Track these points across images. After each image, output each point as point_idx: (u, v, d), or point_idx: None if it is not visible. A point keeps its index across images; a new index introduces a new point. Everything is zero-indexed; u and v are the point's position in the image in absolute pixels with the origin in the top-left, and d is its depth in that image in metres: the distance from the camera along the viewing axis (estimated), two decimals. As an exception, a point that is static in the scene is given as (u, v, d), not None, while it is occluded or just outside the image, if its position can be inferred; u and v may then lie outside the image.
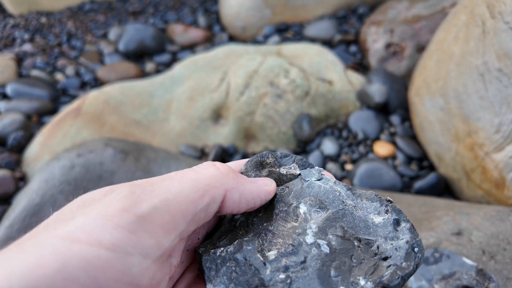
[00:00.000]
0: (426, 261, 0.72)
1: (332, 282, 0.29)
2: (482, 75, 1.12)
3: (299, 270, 0.30)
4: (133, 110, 1.65)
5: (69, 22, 2.71)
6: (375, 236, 0.32)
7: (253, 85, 1.62)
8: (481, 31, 1.13)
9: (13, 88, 1.93)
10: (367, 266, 0.30)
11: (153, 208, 0.26)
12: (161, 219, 0.26)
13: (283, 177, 0.38)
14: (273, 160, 0.39)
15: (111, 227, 0.23)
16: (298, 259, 0.31)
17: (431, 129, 1.37)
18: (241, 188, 0.32)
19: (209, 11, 2.79)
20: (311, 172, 0.38)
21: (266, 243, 0.33)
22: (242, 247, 0.32)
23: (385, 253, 0.30)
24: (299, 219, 0.34)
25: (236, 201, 0.31)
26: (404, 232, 0.31)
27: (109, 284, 0.22)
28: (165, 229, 0.26)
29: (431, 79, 1.37)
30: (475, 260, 0.73)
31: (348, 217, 0.34)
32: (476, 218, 0.82)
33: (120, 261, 0.23)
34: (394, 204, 0.34)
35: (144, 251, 0.24)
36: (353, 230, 0.33)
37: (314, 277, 0.29)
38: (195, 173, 0.30)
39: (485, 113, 1.12)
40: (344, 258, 0.31)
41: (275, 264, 0.31)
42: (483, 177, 1.16)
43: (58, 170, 1.07)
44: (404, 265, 0.29)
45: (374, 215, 0.33)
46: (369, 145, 1.51)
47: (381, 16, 2.08)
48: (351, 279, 0.29)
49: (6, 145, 1.60)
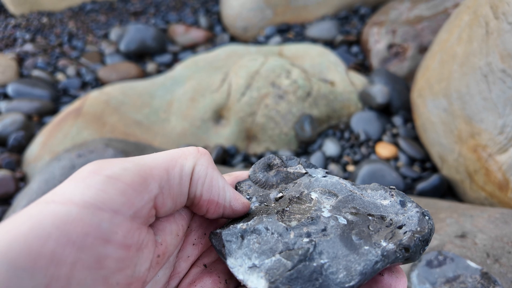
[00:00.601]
0: (429, 264, 0.71)
1: (355, 244, 0.30)
2: (485, 76, 1.12)
3: (321, 236, 0.31)
4: (134, 110, 1.64)
5: (70, 22, 2.71)
6: (386, 213, 0.33)
7: (254, 85, 1.62)
8: (485, 32, 1.12)
9: (14, 88, 1.93)
10: (385, 233, 0.31)
11: (124, 169, 0.27)
12: (131, 179, 0.26)
13: (291, 175, 0.39)
14: (279, 162, 0.41)
15: (82, 187, 0.25)
16: (319, 227, 0.31)
17: (433, 130, 1.36)
18: (210, 170, 0.32)
19: (210, 12, 2.79)
20: (316, 171, 0.40)
21: (285, 217, 0.33)
22: (262, 219, 0.32)
23: (399, 223, 0.32)
24: (313, 202, 0.35)
25: (201, 178, 0.31)
26: (412, 208, 0.33)
27: (80, 238, 0.23)
28: (136, 190, 0.26)
29: (434, 80, 1.36)
30: (479, 263, 0.72)
31: (357, 200, 0.35)
32: (480, 221, 0.81)
33: (90, 216, 0.24)
34: (397, 190, 0.36)
35: (115, 207, 0.25)
36: (365, 209, 0.34)
37: (337, 240, 0.30)
38: (175, 149, 0.32)
39: (489, 114, 1.11)
40: (362, 227, 0.32)
41: (297, 230, 0.31)
42: (486, 179, 1.15)
43: (58, 171, 1.06)
44: (420, 229, 0.30)
45: (381, 200, 0.35)
46: (371, 146, 1.51)
47: (383, 16, 2.08)
48: (373, 240, 0.30)
49: (7, 145, 1.59)
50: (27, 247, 0.21)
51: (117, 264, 0.25)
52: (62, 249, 0.22)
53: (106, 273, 0.24)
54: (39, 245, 0.22)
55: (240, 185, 0.39)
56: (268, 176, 0.40)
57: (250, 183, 0.40)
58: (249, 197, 0.38)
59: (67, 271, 0.22)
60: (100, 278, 0.24)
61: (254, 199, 0.37)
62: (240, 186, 0.39)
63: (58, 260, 0.22)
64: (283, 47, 1.95)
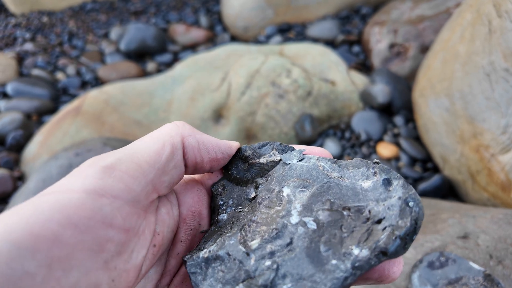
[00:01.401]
0: (431, 265, 0.70)
1: (322, 258, 0.27)
2: (488, 75, 1.10)
3: (286, 253, 0.28)
4: (133, 109, 1.63)
5: (71, 21, 2.70)
6: (365, 201, 0.29)
7: (254, 85, 1.60)
8: (487, 30, 1.11)
9: (13, 87, 1.92)
10: (360, 233, 0.27)
11: (117, 159, 0.28)
12: (126, 167, 0.27)
13: (264, 166, 0.37)
14: (251, 152, 0.38)
15: (81, 178, 0.26)
16: (284, 241, 0.28)
17: (435, 130, 1.34)
18: (198, 136, 0.34)
19: (211, 11, 2.78)
20: (292, 154, 0.36)
21: (249, 234, 0.30)
22: (224, 243, 0.30)
23: (377, 216, 0.27)
24: (283, 202, 0.32)
25: (195, 147, 0.33)
26: (397, 190, 0.28)
27: (82, 221, 0.24)
28: (133, 176, 0.27)
29: (436, 80, 1.35)
30: (482, 264, 0.70)
31: (334, 189, 0.31)
32: (483, 221, 0.80)
33: (91, 201, 0.24)
34: (382, 165, 0.31)
35: (114, 193, 0.26)
36: (341, 200, 0.30)
37: (302, 256, 0.27)
38: (155, 131, 0.33)
39: (491, 114, 1.10)
40: (333, 231, 0.28)
41: (259, 252, 0.29)
42: (488, 179, 1.13)
43: (55, 170, 1.05)
44: (401, 223, 0.26)
45: (362, 180, 0.31)
46: (372, 146, 1.49)
47: (385, 16, 2.06)
48: (343, 250, 0.26)
49: (5, 144, 1.58)
50: (29, 228, 0.22)
51: (117, 248, 0.25)
52: (63, 231, 0.23)
53: (106, 257, 0.25)
54: (41, 227, 0.22)
55: (215, 187, 0.37)
56: (241, 170, 0.38)
57: (225, 182, 0.38)
58: (223, 202, 0.36)
59: (68, 252, 0.23)
60: (100, 260, 0.24)
61: (230, 203, 0.36)
62: (215, 188, 0.37)
63: (60, 241, 0.22)
64: (284, 47, 1.94)
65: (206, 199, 0.38)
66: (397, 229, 0.26)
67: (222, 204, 0.36)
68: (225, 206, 0.36)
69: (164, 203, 0.33)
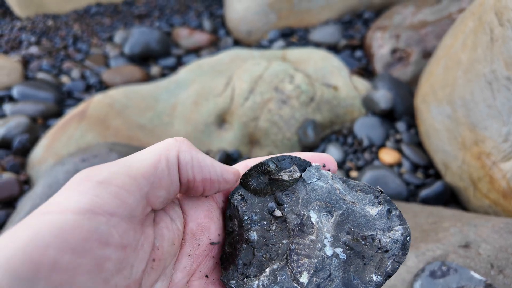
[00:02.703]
0: (433, 274, 0.71)
1: (354, 286, 0.36)
2: (490, 83, 1.11)
3: (328, 283, 0.36)
4: (137, 114, 1.65)
5: (75, 25, 2.73)
6: (374, 230, 0.37)
7: (257, 90, 1.62)
8: (489, 39, 1.12)
9: (19, 90, 1.94)
10: (375, 262, 0.36)
11: (113, 173, 0.27)
12: (121, 181, 0.27)
13: (286, 182, 0.40)
14: (274, 167, 0.40)
15: (76, 195, 0.25)
16: (325, 274, 0.36)
17: (437, 137, 1.35)
18: (193, 153, 0.34)
19: (214, 15, 2.80)
20: (311, 172, 0.40)
21: (295, 267, 0.36)
22: (276, 278, 0.36)
23: (385, 247, 0.36)
24: (314, 232, 0.37)
25: (188, 163, 0.33)
26: (395, 220, 0.38)
27: (80, 244, 0.24)
28: (128, 190, 0.27)
29: (438, 86, 1.36)
30: (483, 274, 0.71)
31: (351, 216, 0.38)
32: (484, 230, 0.81)
33: (87, 221, 0.24)
34: (384, 195, 0.39)
35: (110, 210, 0.26)
36: (358, 228, 0.38)
37: (340, 285, 0.36)
38: (154, 145, 0.33)
39: (493, 122, 1.11)
40: (357, 260, 0.37)
41: (309, 286, 0.35)
42: (490, 187, 1.14)
43: (62, 175, 1.07)
44: (401, 254, 0.36)
45: (369, 206, 0.39)
46: (375, 152, 1.50)
47: (387, 21, 2.07)
48: (367, 278, 0.36)
49: (12, 148, 1.60)
50: (28, 257, 0.22)
51: (116, 266, 0.26)
52: (62, 256, 0.23)
53: (106, 276, 0.25)
54: (40, 254, 0.22)
55: (233, 197, 0.39)
56: (262, 183, 0.40)
57: (243, 191, 0.40)
58: (247, 217, 0.39)
59: (69, 277, 0.23)
60: (100, 280, 0.24)
61: (254, 218, 0.39)
62: (233, 198, 0.39)
63: (59, 267, 0.23)
64: (287, 51, 1.95)
65: (217, 214, 0.39)
66: (399, 259, 0.36)
67: (247, 219, 0.39)
68: (249, 221, 0.39)
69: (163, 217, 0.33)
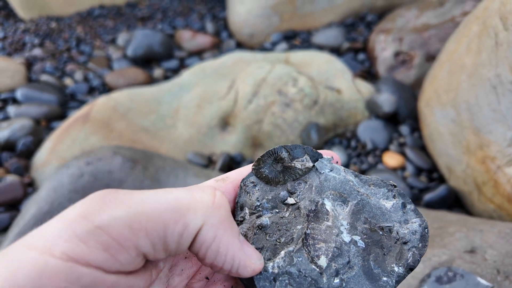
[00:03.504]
0: (439, 280, 0.71)
1: (375, 275, 0.34)
2: (494, 87, 1.11)
3: (347, 270, 0.34)
4: (141, 116, 1.65)
5: (79, 27, 2.74)
6: (391, 222, 0.36)
7: (261, 93, 1.62)
8: (494, 43, 1.12)
9: (22, 92, 1.95)
10: (395, 253, 0.35)
11: (114, 218, 0.24)
12: (118, 232, 0.24)
13: (299, 171, 0.39)
14: (287, 155, 0.40)
15: (65, 234, 0.23)
16: (344, 260, 0.34)
17: (441, 141, 1.35)
18: (220, 232, 0.28)
19: (217, 18, 2.81)
20: (323, 163, 0.39)
21: (312, 251, 0.34)
22: (293, 260, 0.34)
23: (404, 238, 0.35)
24: (330, 218, 0.36)
25: (207, 241, 0.27)
26: (411, 214, 0.36)
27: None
28: (122, 245, 0.24)
29: (442, 90, 1.36)
30: (489, 280, 0.71)
31: (367, 207, 0.37)
32: (490, 236, 0.81)
33: (68, 270, 0.22)
34: (398, 189, 0.38)
35: (96, 263, 0.23)
36: (374, 219, 0.36)
37: (361, 274, 0.34)
38: (184, 193, 0.28)
39: (498, 126, 1.11)
40: (376, 249, 0.35)
41: (328, 270, 0.33)
42: (495, 191, 1.14)
43: (67, 178, 1.07)
44: (421, 246, 0.35)
45: (384, 200, 0.38)
46: (378, 156, 1.50)
47: (390, 24, 2.08)
48: (388, 268, 0.34)
49: (16, 151, 1.61)
50: None
51: None
52: None
53: None
54: None
55: (245, 183, 0.38)
56: (275, 171, 0.39)
57: (254, 179, 0.38)
58: (259, 203, 0.37)
59: None
60: None
61: (266, 205, 0.38)
62: (245, 184, 0.38)
63: None
64: (290, 54, 1.95)
65: None
66: (419, 251, 0.35)
67: (259, 205, 0.38)
68: (261, 208, 0.38)
69: None
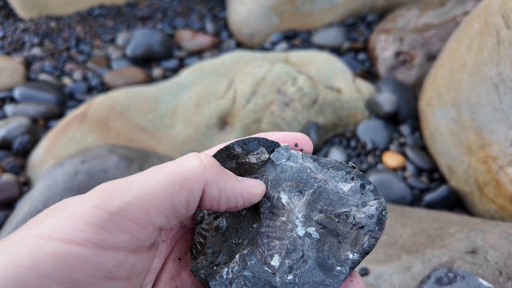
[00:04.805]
0: (439, 281, 0.69)
1: (329, 265, 0.34)
2: (496, 86, 1.09)
3: (301, 265, 0.34)
4: (139, 115, 1.64)
5: (78, 26, 2.73)
6: (348, 207, 0.36)
7: (260, 92, 1.60)
8: (496, 41, 1.10)
9: (20, 91, 1.94)
10: (350, 239, 0.35)
11: (125, 203, 0.25)
12: (133, 214, 0.25)
13: (254, 165, 0.38)
14: (240, 151, 0.38)
15: (82, 224, 0.23)
16: (297, 255, 0.34)
17: (442, 141, 1.33)
18: (221, 184, 0.31)
19: (217, 18, 2.80)
20: (280, 153, 0.38)
21: (265, 251, 0.34)
22: (246, 263, 0.34)
23: (360, 223, 0.35)
24: (285, 213, 0.36)
25: (215, 197, 0.30)
26: (369, 195, 0.36)
27: (83, 279, 0.23)
28: (139, 224, 0.25)
29: (443, 89, 1.34)
30: (491, 281, 0.69)
31: (323, 194, 0.36)
32: (492, 236, 0.79)
33: (94, 256, 0.23)
34: (357, 170, 0.37)
35: (119, 245, 0.24)
36: (331, 206, 0.36)
37: (314, 266, 0.34)
38: (175, 165, 0.29)
39: (499, 126, 1.09)
40: (331, 238, 0.35)
41: (281, 269, 0.34)
42: (496, 191, 1.12)
43: (61, 177, 1.05)
44: (377, 229, 0.35)
45: (342, 183, 0.37)
46: (378, 156, 1.48)
47: (391, 24, 2.06)
48: (342, 257, 0.34)
49: (12, 149, 1.59)
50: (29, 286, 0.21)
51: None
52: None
53: None
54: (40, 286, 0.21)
55: None
56: (229, 168, 0.38)
57: None
58: None
59: None
60: None
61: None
62: None
63: None
64: (289, 54, 1.94)
65: None
66: (375, 234, 0.35)
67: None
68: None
69: None
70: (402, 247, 0.84)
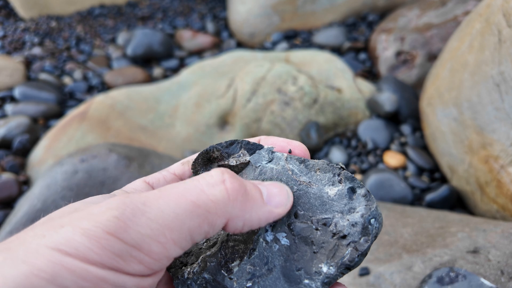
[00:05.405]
0: (441, 281, 0.68)
1: (296, 277, 0.30)
2: (498, 85, 1.09)
3: (264, 272, 0.31)
4: (139, 115, 1.63)
5: (79, 26, 2.73)
6: (331, 213, 0.32)
7: (260, 92, 1.60)
8: (497, 40, 1.10)
9: (21, 91, 1.93)
10: (328, 250, 0.30)
11: (142, 236, 0.25)
12: (150, 249, 0.25)
13: (234, 168, 0.37)
14: (219, 154, 0.38)
15: (97, 248, 0.23)
16: (261, 261, 0.32)
17: (443, 140, 1.33)
18: (247, 216, 0.29)
19: (218, 17, 2.79)
20: (261, 155, 0.36)
21: (228, 254, 0.33)
22: (206, 264, 0.33)
23: (343, 232, 0.30)
24: None
25: (238, 228, 0.29)
26: (360, 201, 0.31)
27: None
28: (155, 258, 0.26)
29: (444, 89, 1.34)
30: (493, 281, 0.69)
31: (303, 198, 0.33)
32: (494, 236, 0.78)
33: (113, 277, 0.24)
34: (346, 171, 0.33)
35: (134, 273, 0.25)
36: (310, 211, 0.32)
37: (279, 276, 0.31)
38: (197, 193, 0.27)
39: (501, 125, 1.08)
40: (304, 247, 0.31)
41: (240, 274, 0.32)
42: (498, 191, 1.11)
43: (60, 176, 1.05)
44: (362, 241, 0.29)
45: (328, 186, 0.33)
46: (379, 155, 1.48)
47: (392, 23, 2.06)
48: (314, 269, 0.30)
49: (12, 148, 1.59)
50: None
51: None
52: None
53: None
54: None
55: None
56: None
57: None
58: None
59: None
60: None
61: None
62: None
63: None
64: (290, 54, 1.94)
65: None
66: (359, 246, 0.29)
67: None
68: None
69: None
70: (403, 247, 0.83)
